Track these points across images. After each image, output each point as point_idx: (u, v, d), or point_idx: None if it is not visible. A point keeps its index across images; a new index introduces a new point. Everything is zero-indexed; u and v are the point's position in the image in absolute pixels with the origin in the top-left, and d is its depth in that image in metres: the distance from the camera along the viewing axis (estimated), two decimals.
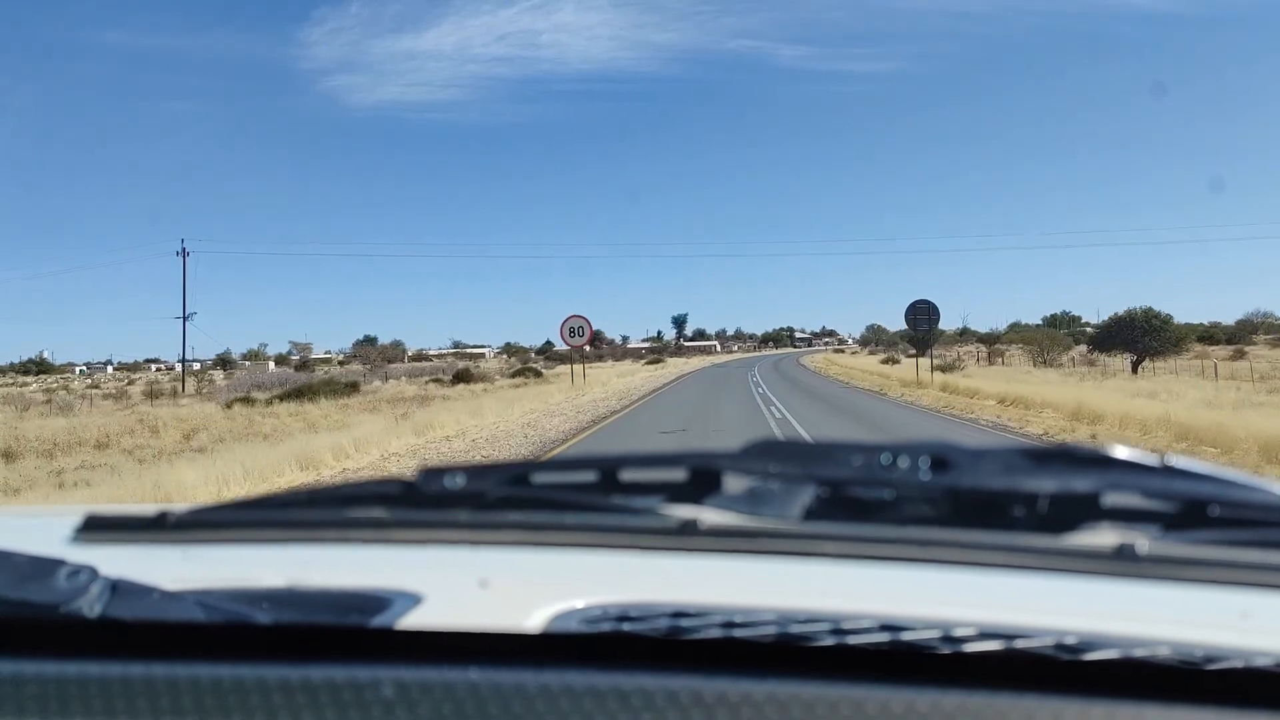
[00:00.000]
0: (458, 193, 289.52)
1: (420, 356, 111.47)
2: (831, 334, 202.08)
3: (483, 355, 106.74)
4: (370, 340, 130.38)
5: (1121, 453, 0.91)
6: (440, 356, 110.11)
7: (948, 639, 0.60)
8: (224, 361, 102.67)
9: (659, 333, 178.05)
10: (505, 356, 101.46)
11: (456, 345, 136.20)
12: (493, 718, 0.55)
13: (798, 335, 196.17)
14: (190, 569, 0.85)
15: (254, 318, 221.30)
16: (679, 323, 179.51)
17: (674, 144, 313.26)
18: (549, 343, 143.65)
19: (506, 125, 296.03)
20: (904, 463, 0.88)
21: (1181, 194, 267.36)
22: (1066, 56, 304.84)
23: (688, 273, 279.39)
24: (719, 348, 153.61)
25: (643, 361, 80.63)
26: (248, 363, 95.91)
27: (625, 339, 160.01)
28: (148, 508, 1.00)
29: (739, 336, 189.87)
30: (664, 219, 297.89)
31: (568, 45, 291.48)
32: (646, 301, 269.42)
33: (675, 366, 69.06)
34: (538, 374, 45.74)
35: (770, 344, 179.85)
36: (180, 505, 1.02)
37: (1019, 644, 0.60)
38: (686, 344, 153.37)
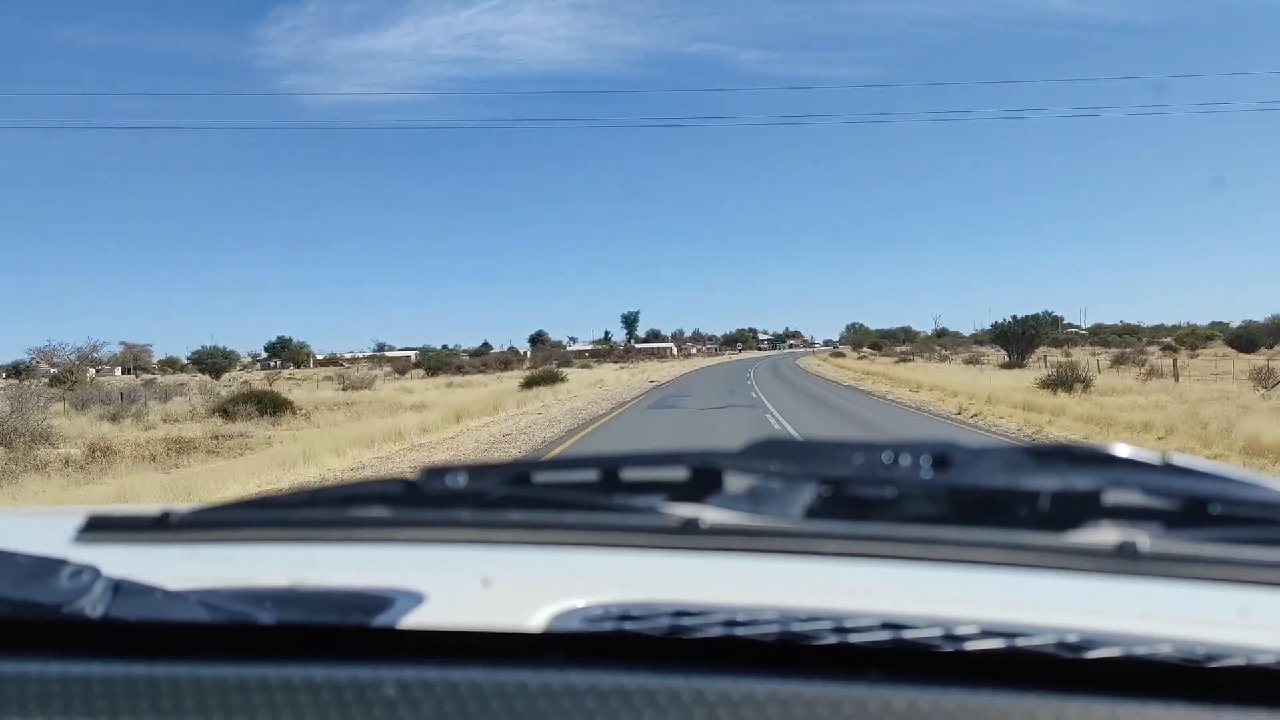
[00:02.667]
0: (412, 193, 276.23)
1: (332, 361, 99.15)
2: (796, 335, 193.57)
3: (408, 359, 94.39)
4: (284, 342, 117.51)
5: (1122, 450, 0.92)
6: (354, 361, 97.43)
7: (949, 637, 0.62)
8: None
9: (606, 333, 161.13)
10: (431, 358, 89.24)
11: (381, 347, 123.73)
12: (495, 717, 0.56)
13: (761, 336, 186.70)
14: (193, 569, 0.86)
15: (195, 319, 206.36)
16: (629, 321, 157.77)
17: (635, 144, 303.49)
18: (486, 344, 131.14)
19: (466, 126, 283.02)
20: (905, 461, 0.90)
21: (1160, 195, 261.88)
22: (1025, 62, 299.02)
23: (644, 271, 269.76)
24: (675, 350, 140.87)
25: (520, 376, 41.21)
26: None
27: (573, 339, 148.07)
28: (151, 508, 1.01)
29: (698, 338, 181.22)
30: (623, 218, 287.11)
31: (528, 47, 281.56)
32: (602, 302, 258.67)
33: (573, 395, 32.12)
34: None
35: (738, 345, 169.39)
36: (183, 505, 1.03)
37: (1021, 642, 0.61)
38: (638, 345, 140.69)
